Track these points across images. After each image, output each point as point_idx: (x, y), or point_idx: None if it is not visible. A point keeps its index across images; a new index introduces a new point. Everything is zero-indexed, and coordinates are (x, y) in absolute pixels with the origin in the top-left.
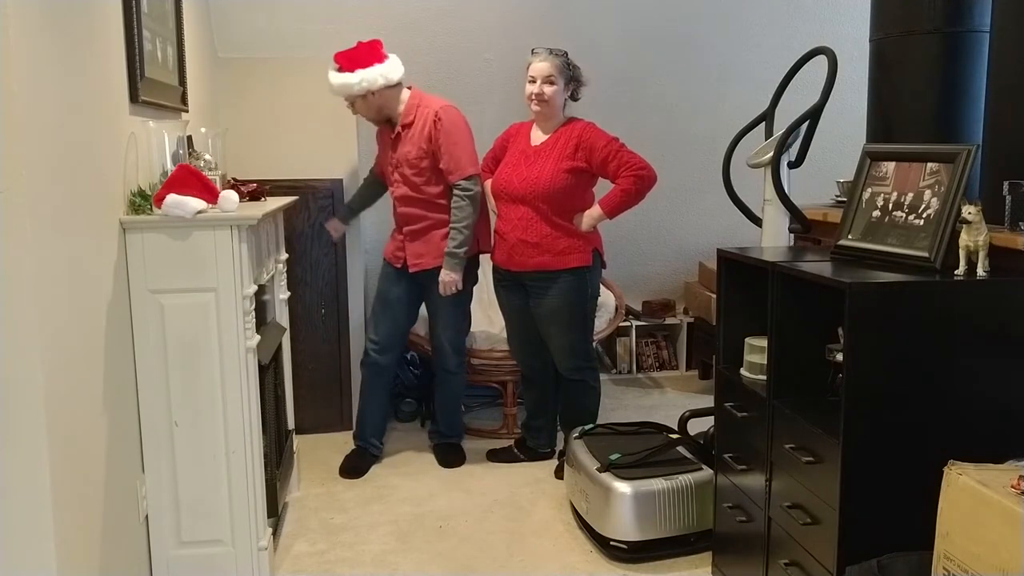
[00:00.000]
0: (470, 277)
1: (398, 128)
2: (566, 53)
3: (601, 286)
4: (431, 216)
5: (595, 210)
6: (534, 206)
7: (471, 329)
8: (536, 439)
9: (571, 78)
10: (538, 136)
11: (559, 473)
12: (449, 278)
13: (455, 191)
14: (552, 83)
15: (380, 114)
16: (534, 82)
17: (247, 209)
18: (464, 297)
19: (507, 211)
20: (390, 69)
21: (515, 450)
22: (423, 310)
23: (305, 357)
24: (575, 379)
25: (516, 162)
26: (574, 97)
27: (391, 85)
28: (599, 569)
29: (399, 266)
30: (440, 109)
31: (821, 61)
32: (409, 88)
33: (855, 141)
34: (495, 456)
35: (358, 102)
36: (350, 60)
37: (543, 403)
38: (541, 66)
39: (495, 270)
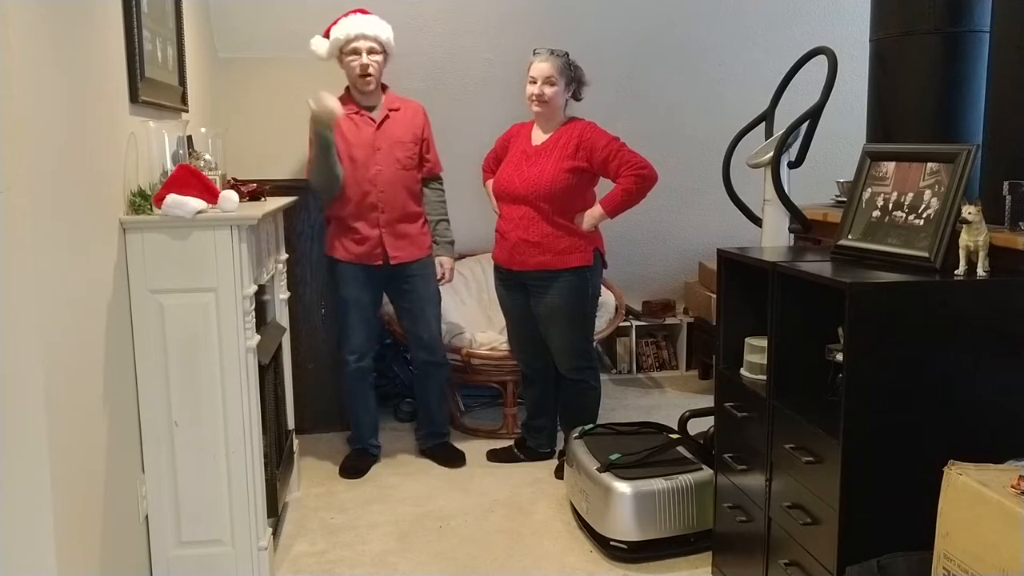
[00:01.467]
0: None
1: (386, 112)
2: (567, 54)
3: (601, 286)
4: (412, 205)
5: (596, 209)
6: (535, 206)
7: (472, 329)
8: (536, 439)
9: (572, 79)
10: (539, 136)
11: (559, 473)
12: (452, 264)
13: (435, 184)
14: (552, 84)
15: (377, 84)
16: (535, 83)
17: (247, 209)
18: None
19: (508, 211)
20: None
21: (515, 450)
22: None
23: (305, 357)
24: (575, 379)
25: (517, 162)
26: (576, 97)
27: None
28: (599, 569)
29: (379, 263)
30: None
31: (821, 61)
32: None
33: (855, 141)
34: (495, 456)
35: (380, 59)
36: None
37: (543, 403)
38: (542, 67)
39: (496, 269)
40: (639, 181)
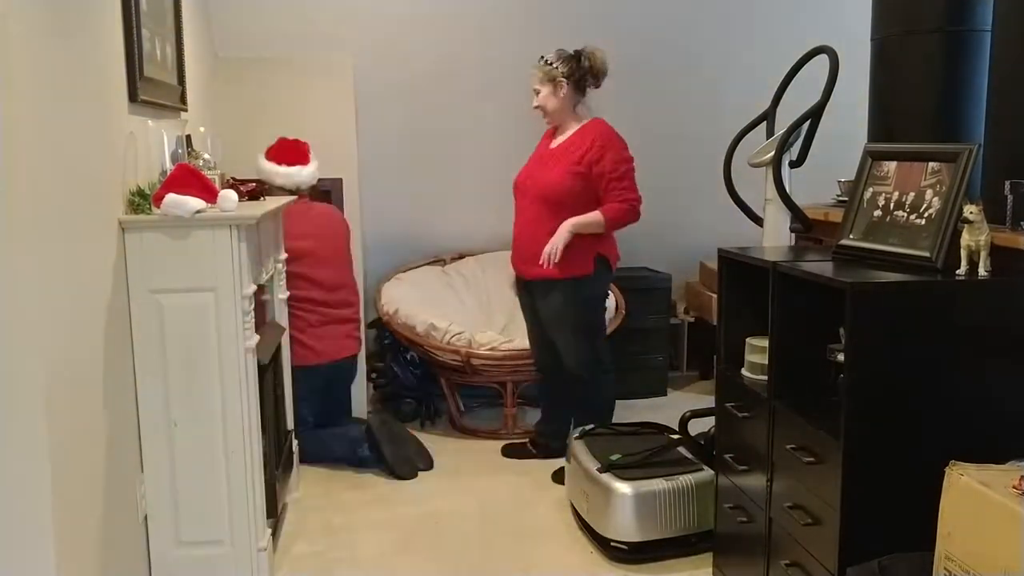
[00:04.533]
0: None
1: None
2: (557, 53)
3: (609, 288)
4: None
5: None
6: (545, 207)
7: (472, 329)
8: (549, 438)
9: (564, 78)
10: (557, 139)
11: (557, 478)
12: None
13: None
14: (538, 92)
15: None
16: (537, 94)
17: (246, 209)
18: None
19: (520, 207)
20: None
21: (530, 447)
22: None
23: None
24: (582, 378)
25: (534, 163)
26: (594, 86)
27: None
28: (599, 570)
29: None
30: None
31: (822, 60)
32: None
33: (856, 140)
34: (510, 452)
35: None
36: None
37: (556, 403)
38: (532, 79)
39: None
40: (623, 209)
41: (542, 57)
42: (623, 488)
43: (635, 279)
